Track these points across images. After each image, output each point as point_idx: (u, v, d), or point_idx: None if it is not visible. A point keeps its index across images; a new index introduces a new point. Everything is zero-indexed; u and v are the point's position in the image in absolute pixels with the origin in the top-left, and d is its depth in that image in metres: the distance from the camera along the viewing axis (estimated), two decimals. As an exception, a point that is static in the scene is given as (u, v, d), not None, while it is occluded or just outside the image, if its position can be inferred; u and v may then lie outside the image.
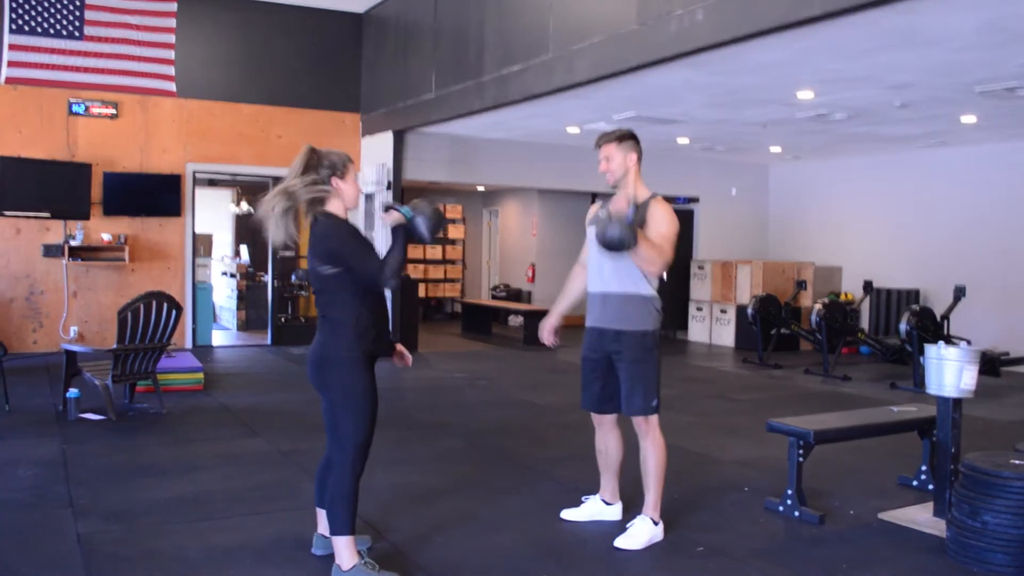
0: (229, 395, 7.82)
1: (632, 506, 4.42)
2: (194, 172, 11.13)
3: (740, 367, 10.54)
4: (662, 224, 4.07)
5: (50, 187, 10.06)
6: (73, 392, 6.61)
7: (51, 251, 10.19)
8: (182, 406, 7.22)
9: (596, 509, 4.48)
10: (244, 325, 13.71)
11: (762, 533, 4.34)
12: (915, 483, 5.20)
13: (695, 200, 13.58)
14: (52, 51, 10.18)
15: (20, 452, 5.57)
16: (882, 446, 6.00)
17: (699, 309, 13.13)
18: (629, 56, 6.75)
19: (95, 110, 10.49)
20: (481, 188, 16.07)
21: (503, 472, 5.42)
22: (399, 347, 3.97)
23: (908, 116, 8.83)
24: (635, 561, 3.92)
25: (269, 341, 11.90)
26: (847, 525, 4.49)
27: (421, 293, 16.09)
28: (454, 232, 16.55)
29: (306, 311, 12.40)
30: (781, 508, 4.64)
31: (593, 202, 15.36)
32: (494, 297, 15.78)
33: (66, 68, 10.27)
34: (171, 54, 10.78)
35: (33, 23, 10.05)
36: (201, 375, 8.08)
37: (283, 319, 12.08)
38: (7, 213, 9.86)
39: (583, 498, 4.57)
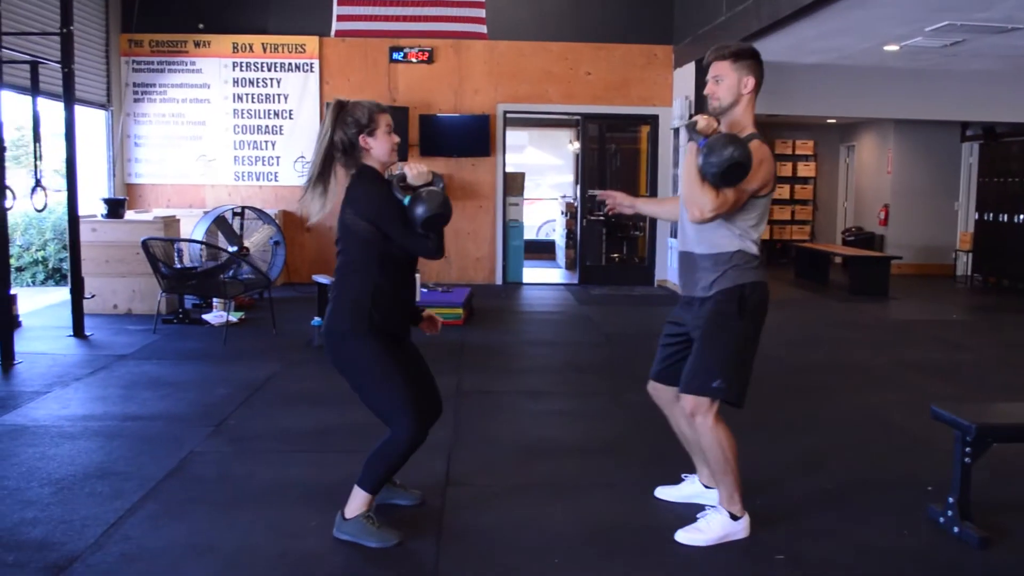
0: (478, 331, 7.97)
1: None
2: (504, 112, 11.40)
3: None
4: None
5: (374, 131, 10.91)
6: (316, 320, 7.16)
7: (374, 190, 11.07)
8: (426, 339, 7.38)
9: (694, 491, 3.83)
10: (572, 264, 13.92)
11: (886, 549, 3.40)
12: None
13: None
14: (374, 3, 10.95)
15: (239, 372, 6.15)
16: None
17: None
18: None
19: (413, 56, 11.15)
20: (832, 120, 14.52)
21: (656, 436, 4.82)
22: (427, 313, 3.70)
23: None
24: (684, 558, 3.29)
25: (576, 280, 11.97)
26: (1018, 555, 3.36)
27: (764, 235, 15.13)
28: (804, 170, 15.20)
29: (643, 251, 12.16)
30: (941, 520, 3.60)
31: (964, 137, 13.16)
32: (845, 242, 14.28)
33: (387, 19, 11.00)
34: (483, -3, 11.07)
35: (358, -21, 10.87)
36: (460, 311, 8.31)
37: (617, 258, 12.09)
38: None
39: (683, 476, 3.94)
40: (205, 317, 8.11)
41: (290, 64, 10.96)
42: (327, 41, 10.97)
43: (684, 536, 3.42)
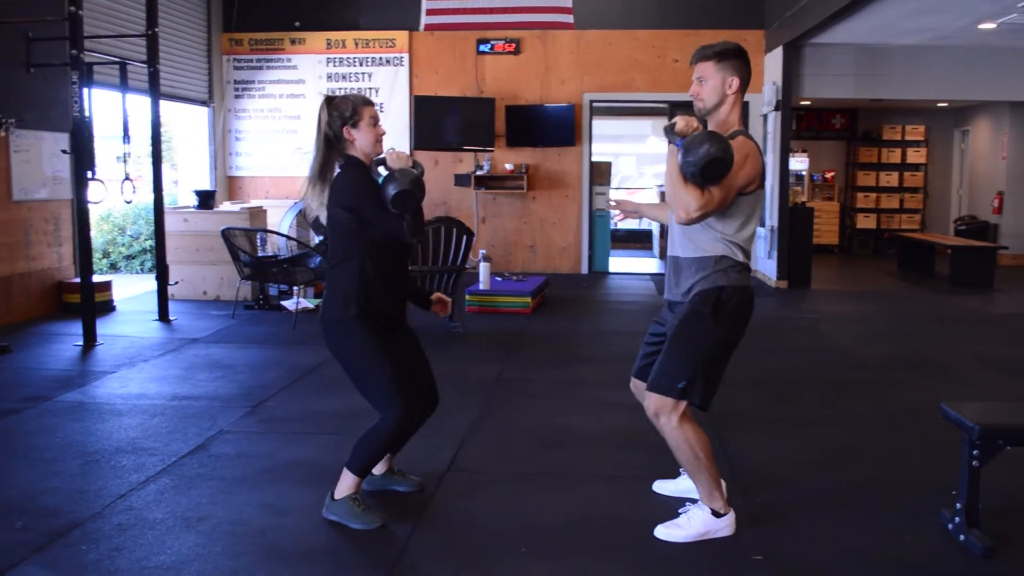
0: (543, 320, 8.02)
1: (736, 491, 3.67)
2: (590, 102, 11.35)
3: None
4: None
5: (461, 122, 11.05)
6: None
7: (461, 180, 11.24)
8: (488, 327, 7.60)
9: (690, 485, 3.75)
10: (663, 254, 13.74)
11: (878, 554, 3.26)
12: None
13: None
14: (461, -3, 11.11)
15: (297, 356, 6.38)
16: None
17: None
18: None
19: (500, 48, 11.24)
20: (943, 104, 13.77)
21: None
22: (436, 296, 3.78)
23: None
24: (656, 554, 3.24)
25: (660, 269, 11.83)
26: (1021, 569, 3.16)
27: (871, 224, 14.62)
28: (914, 156, 14.49)
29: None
30: (950, 527, 3.43)
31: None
32: (956, 231, 13.55)
33: (474, 11, 11.12)
34: (569, -14, 11.05)
35: (445, -28, 11.04)
36: (528, 299, 8.36)
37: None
38: (427, 149, 11.08)
39: (680, 470, 3.88)
40: (284, 303, 8.45)
41: (381, 59, 11.24)
42: (416, 35, 11.18)
43: (663, 532, 3.38)
